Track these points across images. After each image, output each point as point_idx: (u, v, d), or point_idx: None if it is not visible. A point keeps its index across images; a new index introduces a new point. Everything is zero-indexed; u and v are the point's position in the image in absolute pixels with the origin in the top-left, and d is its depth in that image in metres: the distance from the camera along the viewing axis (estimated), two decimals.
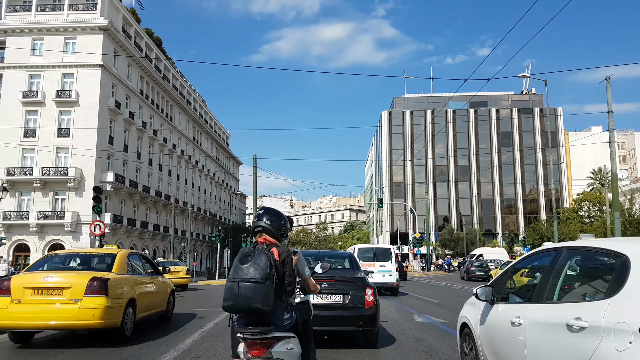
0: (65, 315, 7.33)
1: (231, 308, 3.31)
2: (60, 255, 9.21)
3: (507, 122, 77.20)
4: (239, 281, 3.24)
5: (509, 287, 4.60)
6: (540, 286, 3.88)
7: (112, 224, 42.14)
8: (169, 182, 58.93)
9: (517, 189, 75.49)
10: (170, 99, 60.18)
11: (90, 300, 7.38)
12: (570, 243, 4.00)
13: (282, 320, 3.40)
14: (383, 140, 77.77)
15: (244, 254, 3.41)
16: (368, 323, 7.17)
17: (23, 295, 7.43)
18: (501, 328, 4.18)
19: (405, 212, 72.78)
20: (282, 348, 3.34)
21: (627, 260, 3.08)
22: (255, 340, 3.30)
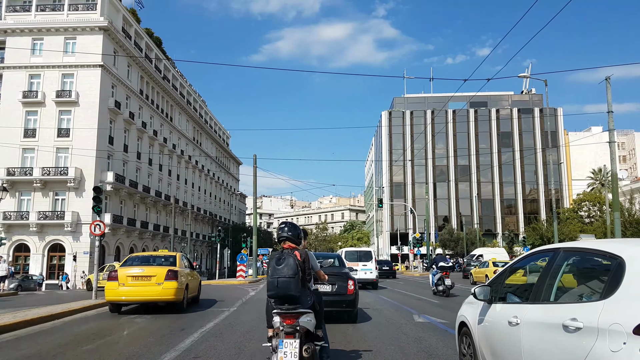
0: (153, 293, 11.83)
1: (275, 296, 4.83)
2: (140, 256, 13.65)
3: (507, 122, 77.24)
4: (277, 278, 4.72)
5: (507, 287, 4.64)
6: (538, 286, 3.93)
7: (112, 224, 42.16)
8: (169, 182, 58.96)
9: (517, 189, 75.53)
10: (170, 99, 60.22)
11: (168, 284, 11.83)
12: (567, 244, 4.06)
13: (305, 301, 4.90)
14: (383, 140, 77.82)
15: (277, 257, 4.89)
16: (350, 305, 9.82)
17: (126, 281, 11.90)
18: (499, 327, 4.25)
19: (405, 212, 72.82)
20: (305, 319, 4.82)
21: (622, 262, 3.13)
22: (287, 314, 4.77)
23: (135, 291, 11.78)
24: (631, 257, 3.12)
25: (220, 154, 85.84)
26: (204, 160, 74.01)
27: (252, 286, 23.69)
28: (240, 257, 28.96)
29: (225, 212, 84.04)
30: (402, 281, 29.52)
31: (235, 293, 18.99)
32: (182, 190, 63.30)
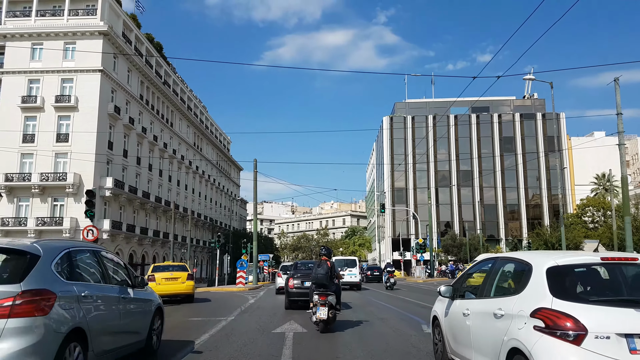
0: (179, 288, 18.16)
1: (315, 284, 10.11)
2: (164, 265, 20.71)
3: (509, 127, 76.79)
4: (317, 275, 10.12)
5: (467, 287, 5.82)
6: (482, 286, 5.26)
7: (110, 230, 41.69)
8: (169, 188, 58.53)
9: (520, 194, 74.96)
10: (170, 104, 59.92)
11: (188, 282, 18.44)
12: (501, 254, 5.32)
13: (331, 288, 10.07)
14: (384, 146, 77.40)
15: (318, 264, 10.37)
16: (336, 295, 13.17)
17: (161, 281, 17.99)
18: (457, 318, 5.50)
19: (407, 217, 72.23)
20: (330, 297, 9.80)
21: (530, 267, 4.39)
22: (321, 294, 9.76)
23: (167, 288, 17.60)
24: (537, 264, 4.35)
25: (221, 159, 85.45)
26: (204, 166, 73.63)
27: (252, 293, 23.19)
28: (239, 264, 28.12)
29: (225, 218, 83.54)
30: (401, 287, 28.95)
31: (234, 301, 18.52)
32: (183, 196, 62.88)
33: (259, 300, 18.48)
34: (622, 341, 3.71)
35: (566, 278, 4.21)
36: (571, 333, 3.76)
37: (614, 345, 3.69)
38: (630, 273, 4.44)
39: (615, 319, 3.80)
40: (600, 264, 4.38)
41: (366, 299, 19.76)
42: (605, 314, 3.83)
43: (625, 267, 4.46)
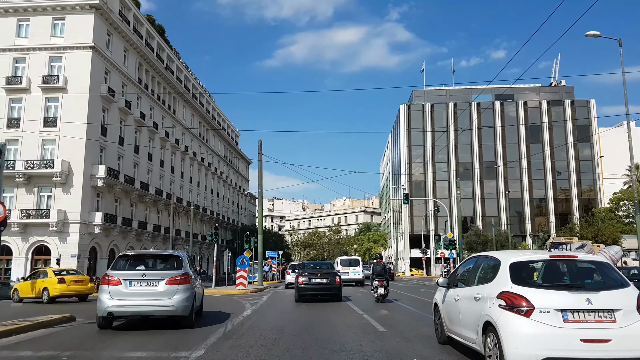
0: None
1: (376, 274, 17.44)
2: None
3: (535, 115, 71.73)
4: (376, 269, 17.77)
5: (458, 278, 7.49)
6: (469, 277, 7.05)
7: (103, 223, 37.72)
8: (171, 180, 54.55)
9: (548, 186, 69.89)
10: (173, 90, 55.90)
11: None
12: (482, 253, 7.50)
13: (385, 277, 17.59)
14: (401, 136, 72.73)
15: (376, 264, 18.31)
16: (337, 290, 17.24)
17: None
18: (451, 302, 7.28)
19: (427, 212, 67.48)
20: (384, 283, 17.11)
21: (499, 263, 6.14)
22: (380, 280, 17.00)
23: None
24: (504, 260, 6.07)
25: (229, 152, 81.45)
26: (210, 158, 69.61)
27: (253, 298, 18.75)
28: (240, 261, 23.11)
29: (233, 213, 79.53)
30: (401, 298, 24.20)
31: (222, 312, 13.24)
32: (187, 189, 58.89)
33: (257, 313, 13.15)
34: (558, 314, 5.29)
35: (522, 270, 5.84)
36: (523, 309, 5.36)
37: (552, 317, 5.27)
38: (570, 266, 6.12)
39: (554, 298, 5.39)
40: (548, 260, 6.10)
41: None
42: (547, 295, 5.44)
43: (566, 262, 6.18)
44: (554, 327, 5.17)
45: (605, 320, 5.22)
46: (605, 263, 6.06)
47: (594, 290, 5.45)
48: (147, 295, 9.69)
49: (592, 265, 6.11)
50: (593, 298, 5.29)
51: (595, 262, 6.12)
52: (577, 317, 5.23)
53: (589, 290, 5.48)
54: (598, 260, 6.15)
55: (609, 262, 6.20)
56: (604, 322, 5.21)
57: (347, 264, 31.76)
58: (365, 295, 20.59)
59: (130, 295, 9.68)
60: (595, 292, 5.41)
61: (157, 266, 10.79)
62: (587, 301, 5.25)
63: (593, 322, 5.21)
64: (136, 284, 9.74)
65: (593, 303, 5.25)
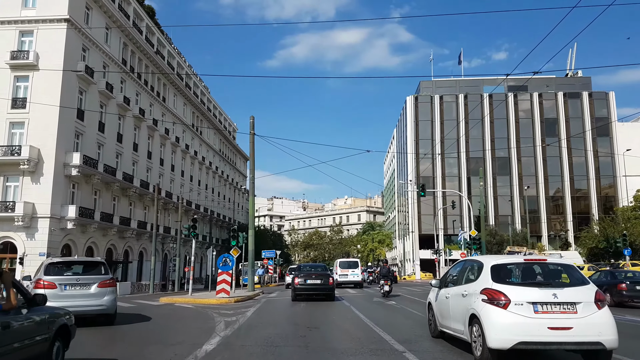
0: None
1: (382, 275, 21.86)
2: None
3: (551, 108, 67.40)
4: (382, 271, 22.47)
5: (449, 280, 8.46)
6: (457, 278, 8.09)
7: (78, 217, 33.37)
8: (160, 173, 50.24)
9: (565, 184, 65.49)
10: (163, 77, 51.60)
11: None
12: (469, 258, 9.92)
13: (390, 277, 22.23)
14: (408, 130, 68.39)
15: (382, 267, 23.54)
16: (330, 290, 18.70)
17: None
18: (442, 300, 8.27)
19: (439, 208, 63.08)
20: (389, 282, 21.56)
21: (482, 265, 7.17)
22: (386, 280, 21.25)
23: None
24: (486, 263, 7.09)
25: (226, 147, 77.15)
26: (205, 152, 65.32)
27: (236, 311, 13.69)
28: (222, 261, 17.85)
29: (229, 211, 75.18)
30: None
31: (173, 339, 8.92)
32: (178, 183, 54.58)
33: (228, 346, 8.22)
34: (530, 306, 6.25)
35: (501, 271, 6.89)
36: (502, 302, 6.33)
37: (525, 309, 6.24)
38: (541, 268, 7.17)
39: (527, 293, 6.37)
40: (523, 262, 7.33)
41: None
42: (521, 290, 6.44)
43: (538, 264, 7.24)
44: (526, 317, 6.20)
45: (568, 311, 6.24)
46: (570, 265, 7.19)
47: (559, 287, 6.50)
48: (81, 297, 10.94)
49: (559, 267, 7.17)
50: (558, 293, 6.31)
51: (562, 265, 7.22)
52: (545, 308, 6.24)
53: (555, 287, 6.51)
54: (564, 263, 7.28)
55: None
56: (567, 313, 6.23)
57: (346, 266, 32.28)
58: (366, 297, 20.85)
59: (65, 298, 10.59)
60: (561, 288, 6.46)
61: (86, 272, 11.75)
62: (553, 295, 6.26)
63: (558, 313, 6.23)
64: (71, 287, 10.99)
65: (558, 297, 6.27)
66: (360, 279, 32.21)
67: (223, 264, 17.89)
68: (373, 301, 18.45)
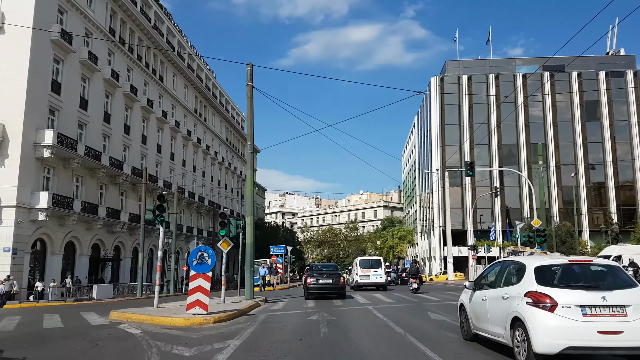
0: None
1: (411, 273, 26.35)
2: None
3: (592, 89, 60.73)
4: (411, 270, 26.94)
5: (484, 282, 8.27)
6: (495, 280, 7.74)
7: (52, 207, 27.99)
8: (157, 161, 44.88)
9: (608, 172, 58.87)
10: (160, 54, 46.17)
11: None
12: (508, 258, 9.59)
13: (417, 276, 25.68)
14: (432, 114, 62.19)
15: (412, 266, 28.49)
16: (341, 289, 19.50)
17: None
18: (478, 302, 7.92)
19: (464, 204, 56.86)
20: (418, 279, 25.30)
21: (525, 267, 6.81)
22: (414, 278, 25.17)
23: None
24: (529, 264, 6.73)
25: (232, 136, 71.74)
26: (209, 140, 59.91)
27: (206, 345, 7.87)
28: (196, 257, 11.53)
29: (236, 205, 69.72)
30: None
31: None
32: (179, 172, 49.14)
33: None
34: (578, 309, 5.96)
35: (546, 272, 6.59)
36: (548, 305, 6.05)
37: (573, 312, 5.95)
38: (587, 269, 6.90)
39: (574, 296, 6.08)
40: (568, 264, 6.84)
41: None
42: (568, 293, 6.14)
43: (584, 265, 6.93)
44: (574, 320, 5.91)
45: (618, 314, 5.95)
46: (616, 266, 6.95)
47: (607, 289, 6.19)
48: None
49: (604, 269, 6.84)
50: (607, 295, 6.03)
51: (607, 266, 6.91)
52: (594, 312, 5.95)
53: (604, 289, 6.22)
54: (609, 264, 6.97)
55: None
56: (617, 317, 5.94)
57: (367, 266, 28.89)
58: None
59: None
60: (609, 290, 6.15)
61: None
62: (602, 298, 5.99)
63: (608, 316, 5.94)
64: None
65: (607, 300, 5.99)
66: (384, 279, 28.75)
67: (198, 261, 11.32)
68: (423, 318, 12.62)
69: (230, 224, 17.75)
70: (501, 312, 6.81)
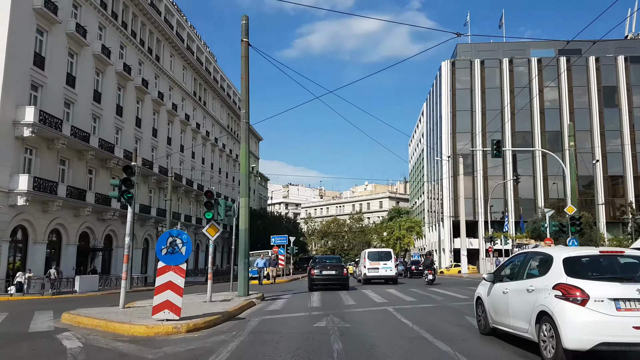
0: None
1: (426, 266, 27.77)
2: None
3: (610, 74, 57.87)
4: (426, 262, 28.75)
5: (502, 274, 7.83)
6: (517, 272, 7.30)
7: (32, 191, 25.62)
8: (153, 146, 42.49)
9: (626, 162, 56.15)
10: (157, 31, 43.60)
11: None
12: (530, 250, 8.38)
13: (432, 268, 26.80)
14: (443, 100, 59.46)
15: (426, 258, 30.37)
16: (345, 280, 20.51)
17: None
18: (498, 295, 7.52)
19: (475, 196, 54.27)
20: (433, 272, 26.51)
21: (552, 258, 6.39)
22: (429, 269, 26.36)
23: None
24: (556, 256, 6.33)
25: (234, 123, 69.19)
26: (209, 126, 57.45)
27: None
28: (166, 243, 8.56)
29: (237, 194, 67.28)
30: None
31: None
32: (177, 158, 46.76)
33: None
34: (611, 303, 5.52)
35: (575, 264, 6.13)
36: (579, 298, 5.61)
37: (606, 306, 5.51)
38: (619, 260, 6.45)
39: (607, 289, 5.63)
40: (599, 255, 6.46)
41: None
42: (600, 285, 5.69)
43: (616, 256, 6.50)
44: (608, 315, 5.47)
45: None
46: None
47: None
48: None
49: (637, 260, 6.34)
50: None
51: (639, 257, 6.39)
52: (629, 305, 5.51)
53: (638, 281, 5.74)
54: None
55: None
56: None
57: (376, 258, 27.10)
58: None
59: None
60: None
61: None
62: (638, 291, 5.54)
63: None
64: None
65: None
66: (395, 273, 27.16)
67: (168, 250, 8.56)
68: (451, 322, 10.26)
69: (219, 206, 15.00)
70: (525, 305, 6.51)
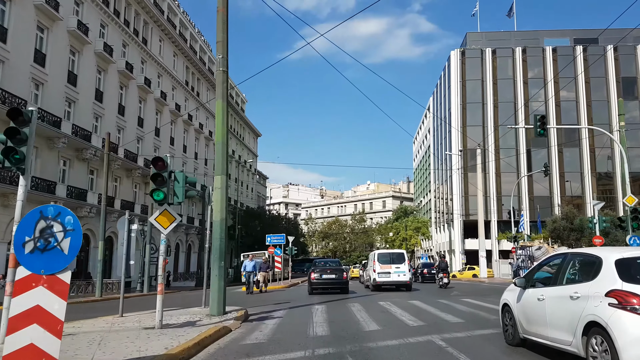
0: None
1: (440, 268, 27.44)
2: None
3: (629, 64, 54.44)
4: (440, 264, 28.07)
5: (535, 279, 6.83)
6: (554, 276, 6.32)
7: None
8: (139, 136, 39.00)
9: None
10: (144, 13, 40.17)
11: None
12: (571, 250, 6.92)
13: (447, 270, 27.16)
14: (452, 92, 55.98)
15: (441, 261, 29.79)
16: (344, 284, 20.65)
17: None
18: (531, 302, 6.51)
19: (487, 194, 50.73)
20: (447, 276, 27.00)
21: (601, 260, 5.41)
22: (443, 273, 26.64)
23: None
24: (606, 258, 5.36)
25: (232, 118, 65.68)
26: (203, 119, 53.98)
27: None
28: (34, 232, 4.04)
29: (234, 192, 63.81)
30: None
31: None
32: (165, 151, 43.26)
33: None
34: None
35: (631, 267, 5.16)
36: (638, 307, 4.69)
37: None
38: None
39: None
40: None
41: None
42: None
43: None
44: None
45: None
46: None
47: None
48: None
49: None
50: None
51: None
52: None
53: None
54: None
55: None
56: None
57: (388, 261, 23.23)
58: None
59: None
60: None
61: None
62: None
63: None
64: None
65: None
66: (408, 278, 23.16)
67: (37, 244, 4.03)
68: None
69: (176, 182, 9.79)
70: (568, 314, 5.55)
